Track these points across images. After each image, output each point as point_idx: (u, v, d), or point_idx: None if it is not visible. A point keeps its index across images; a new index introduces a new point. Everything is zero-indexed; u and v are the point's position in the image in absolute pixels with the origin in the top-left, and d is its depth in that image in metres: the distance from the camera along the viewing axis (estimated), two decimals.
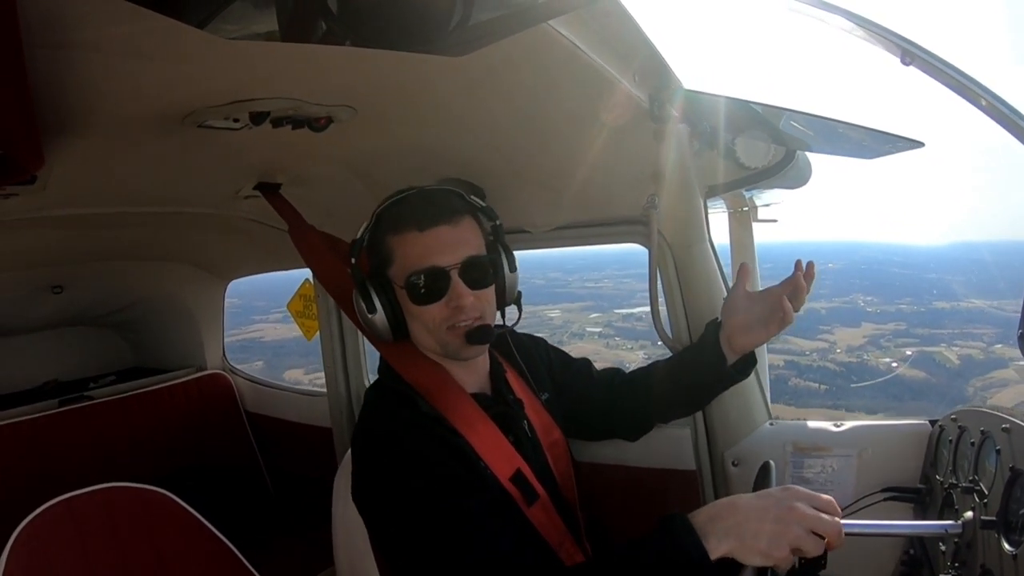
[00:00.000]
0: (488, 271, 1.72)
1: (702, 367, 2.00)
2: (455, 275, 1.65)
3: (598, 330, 25.28)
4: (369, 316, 1.73)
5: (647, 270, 2.20)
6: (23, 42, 0.99)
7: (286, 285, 4.00)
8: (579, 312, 26.14)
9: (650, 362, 2.24)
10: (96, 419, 3.89)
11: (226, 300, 4.70)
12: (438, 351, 1.76)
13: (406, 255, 1.67)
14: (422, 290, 1.66)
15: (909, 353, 23.48)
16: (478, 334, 1.70)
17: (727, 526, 1.31)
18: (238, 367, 4.73)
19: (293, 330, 4.07)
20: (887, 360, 23.00)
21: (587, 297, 27.48)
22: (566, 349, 2.10)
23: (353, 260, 1.75)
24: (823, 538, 1.26)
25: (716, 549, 1.30)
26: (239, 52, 1.29)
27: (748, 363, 1.95)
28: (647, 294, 2.21)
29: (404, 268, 1.67)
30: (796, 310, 1.79)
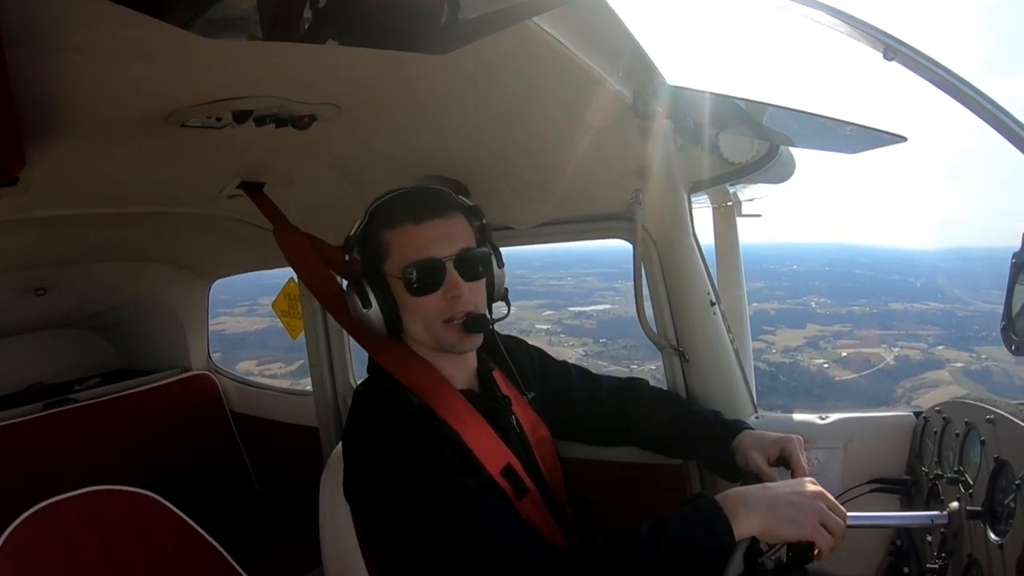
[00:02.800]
0: (480, 264, 1.74)
1: (703, 441, 2.02)
2: (451, 266, 1.68)
3: (547, 327, 25.66)
4: (364, 312, 1.73)
5: (611, 269, 2.21)
6: (4, 42, 0.98)
7: (252, 279, 3.97)
8: (534, 310, 26.52)
9: (641, 380, 2.27)
10: (82, 422, 3.86)
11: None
12: (433, 345, 1.76)
13: (403, 247, 1.68)
14: (418, 282, 1.67)
15: (844, 354, 23.97)
16: (475, 323, 1.71)
17: (758, 499, 1.39)
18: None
19: (255, 323, 4.08)
20: (819, 361, 23.53)
21: (547, 295, 28.01)
22: None
23: (348, 256, 1.75)
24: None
25: (744, 522, 1.36)
26: (221, 50, 1.28)
27: (736, 468, 1.89)
28: (606, 292, 2.22)
29: (401, 260, 1.68)
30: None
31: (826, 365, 23.50)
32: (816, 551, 1.36)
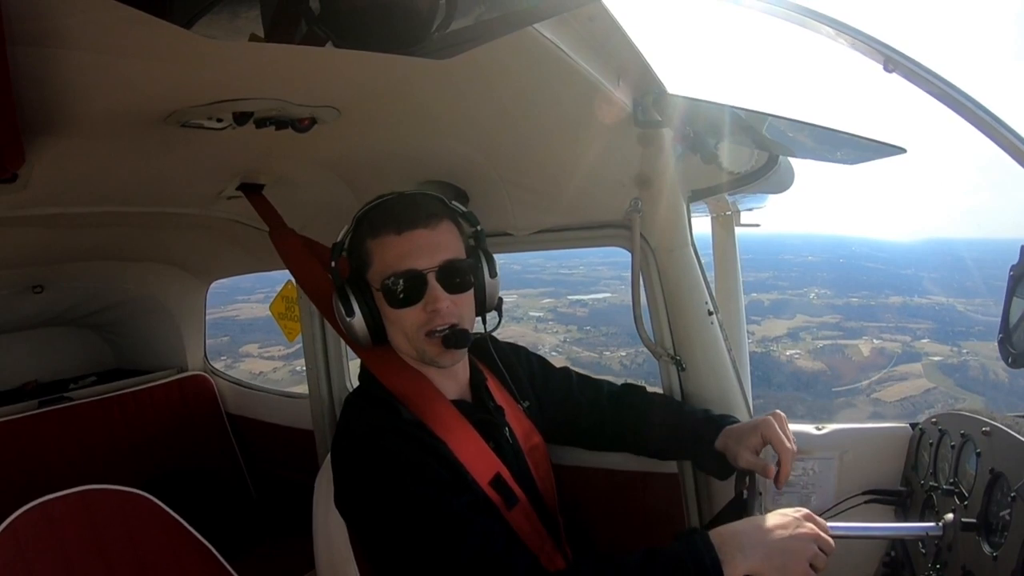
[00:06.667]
0: (466, 275, 1.72)
1: (691, 443, 2.01)
2: (432, 278, 1.65)
3: (539, 314, 25.88)
4: (348, 320, 1.73)
5: (622, 257, 2.20)
6: (5, 39, 0.98)
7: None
8: (535, 297, 26.58)
9: (638, 385, 2.26)
10: (76, 421, 3.84)
11: (215, 282, 4.62)
12: (416, 357, 1.76)
13: (384, 258, 1.67)
14: (399, 293, 1.66)
15: (820, 345, 24.15)
16: (454, 338, 1.69)
17: (755, 544, 1.38)
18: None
19: (266, 309, 4.03)
20: (792, 352, 23.73)
21: (553, 283, 27.91)
22: (499, 333, 2.04)
23: (333, 264, 1.75)
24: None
25: (738, 566, 1.35)
26: (223, 52, 1.28)
27: (725, 467, 1.89)
28: (611, 280, 2.21)
29: (382, 271, 1.67)
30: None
31: (797, 355, 23.83)
32: None
